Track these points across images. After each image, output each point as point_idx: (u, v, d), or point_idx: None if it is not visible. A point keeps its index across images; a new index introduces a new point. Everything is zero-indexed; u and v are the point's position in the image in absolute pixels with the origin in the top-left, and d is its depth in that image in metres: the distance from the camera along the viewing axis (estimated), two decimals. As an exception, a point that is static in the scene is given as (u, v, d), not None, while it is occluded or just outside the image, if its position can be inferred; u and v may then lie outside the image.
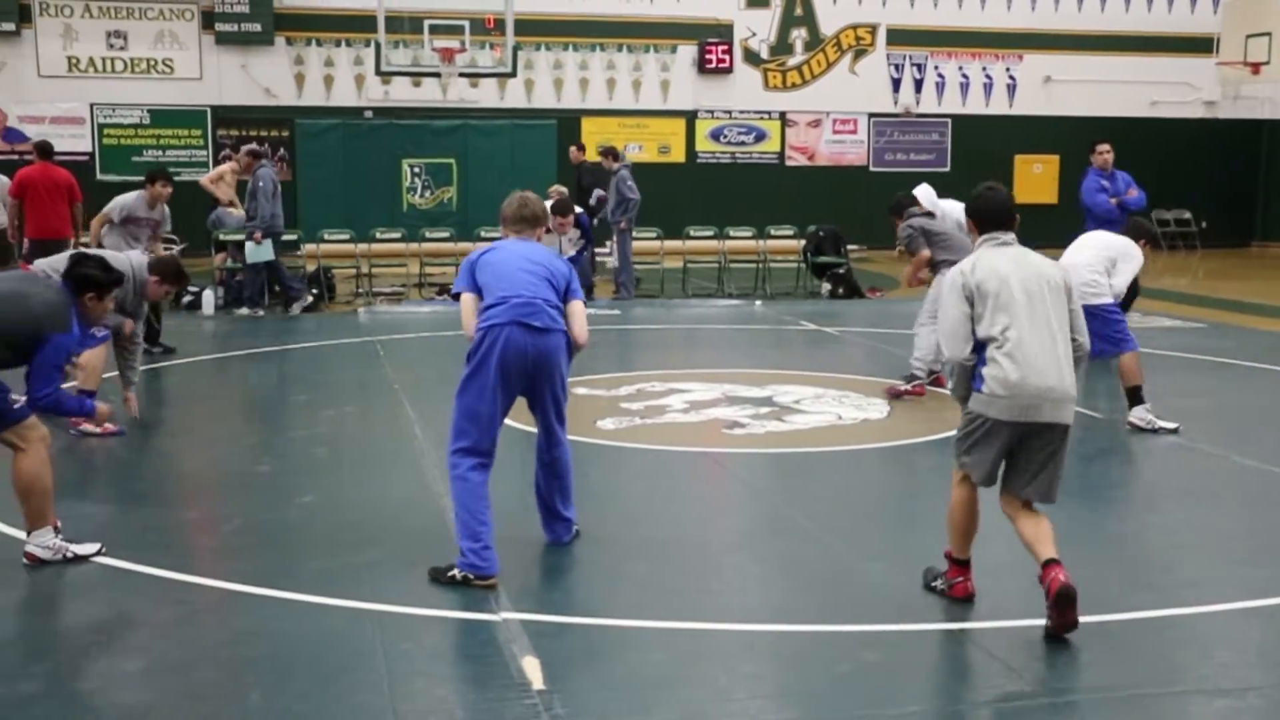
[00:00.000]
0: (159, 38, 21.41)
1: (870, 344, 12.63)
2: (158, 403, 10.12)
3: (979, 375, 4.83)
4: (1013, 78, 24.54)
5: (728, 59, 23.31)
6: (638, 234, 16.63)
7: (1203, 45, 23.76)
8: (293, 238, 16.34)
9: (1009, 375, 4.72)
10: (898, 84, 24.22)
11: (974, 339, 4.85)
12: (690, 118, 23.44)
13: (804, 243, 17.53)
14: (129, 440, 8.27)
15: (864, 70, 24.07)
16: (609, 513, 6.31)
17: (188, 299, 14.60)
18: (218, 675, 4.47)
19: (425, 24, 19.17)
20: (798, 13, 23.73)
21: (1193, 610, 5.08)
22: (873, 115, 24.15)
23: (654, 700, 4.19)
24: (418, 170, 22.26)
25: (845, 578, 5.53)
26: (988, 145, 23.52)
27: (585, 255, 14.64)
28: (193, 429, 8.91)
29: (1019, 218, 5.14)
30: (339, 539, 5.91)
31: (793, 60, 23.83)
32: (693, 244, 17.60)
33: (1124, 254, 8.41)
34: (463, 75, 20.05)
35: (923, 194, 10.50)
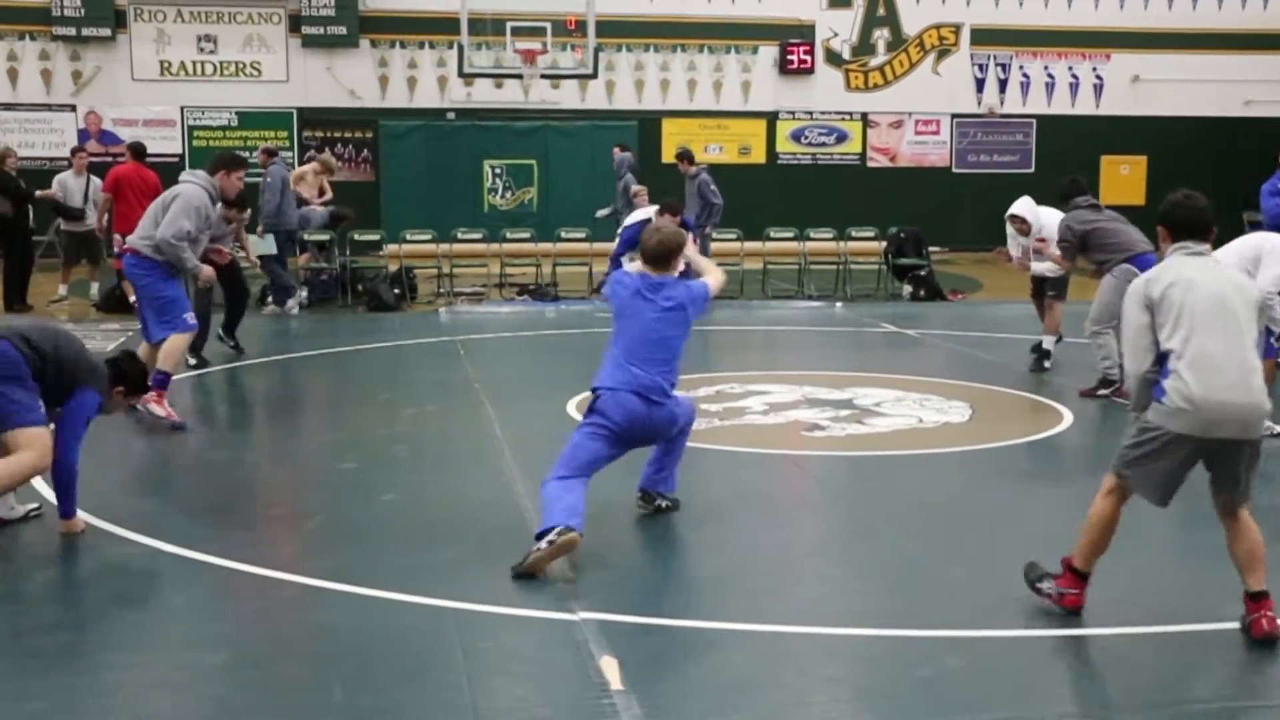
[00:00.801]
0: (247, 41, 21.77)
1: (951, 347, 12.49)
2: (240, 401, 10.29)
3: (1160, 386, 4.63)
4: (1100, 77, 24.10)
5: (809, 60, 23.16)
6: (717, 235, 16.58)
7: (1298, 42, 23.25)
8: (375, 237, 16.59)
9: (1192, 389, 4.52)
10: (981, 84, 23.91)
11: (1156, 349, 4.68)
12: (771, 119, 23.33)
13: (885, 244, 17.37)
14: (214, 437, 8.42)
15: (947, 70, 23.80)
16: (687, 514, 6.30)
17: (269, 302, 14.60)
18: (300, 670, 4.52)
19: (507, 26, 19.26)
20: (880, 13, 23.51)
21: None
22: (956, 116, 23.86)
23: (732, 702, 4.17)
24: (499, 171, 22.40)
25: (926, 582, 5.47)
26: (1073, 146, 23.07)
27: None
28: (276, 426, 9.04)
29: (1215, 230, 4.94)
30: (419, 537, 5.97)
31: (875, 60, 23.62)
32: (773, 245, 17.49)
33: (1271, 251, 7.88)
34: (544, 77, 20.11)
35: (1023, 206, 10.38)
